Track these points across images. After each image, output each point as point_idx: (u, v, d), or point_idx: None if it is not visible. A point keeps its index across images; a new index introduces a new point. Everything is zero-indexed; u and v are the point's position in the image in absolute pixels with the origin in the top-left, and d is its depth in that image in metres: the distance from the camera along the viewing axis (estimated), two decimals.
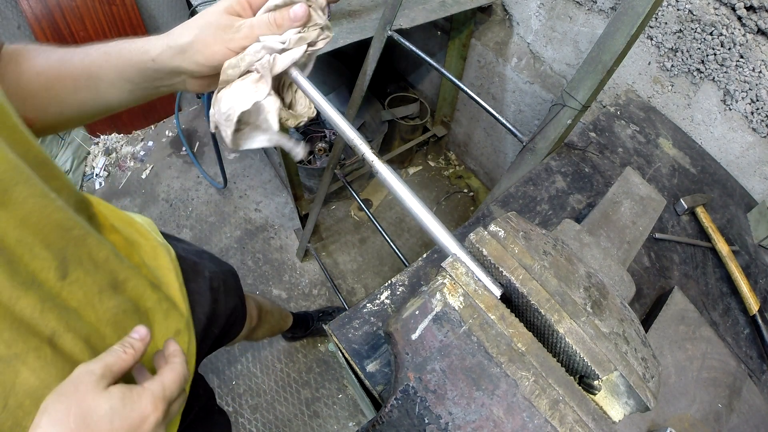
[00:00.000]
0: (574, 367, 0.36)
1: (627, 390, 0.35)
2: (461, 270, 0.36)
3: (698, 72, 0.99)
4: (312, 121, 1.82)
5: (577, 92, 0.69)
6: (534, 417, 0.32)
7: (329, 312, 1.53)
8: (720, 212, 0.91)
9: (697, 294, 0.75)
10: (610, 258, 0.57)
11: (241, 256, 1.71)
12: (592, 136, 0.92)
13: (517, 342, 0.34)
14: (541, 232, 0.43)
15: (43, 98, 0.42)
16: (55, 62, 0.42)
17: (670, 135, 1.01)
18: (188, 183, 1.91)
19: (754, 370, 0.71)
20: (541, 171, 0.81)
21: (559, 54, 1.31)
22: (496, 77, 1.53)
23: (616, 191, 0.70)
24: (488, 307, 0.35)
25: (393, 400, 0.34)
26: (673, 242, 0.79)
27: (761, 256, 0.87)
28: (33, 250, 0.34)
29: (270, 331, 1.19)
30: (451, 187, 1.98)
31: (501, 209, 0.74)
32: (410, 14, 1.16)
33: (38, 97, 0.41)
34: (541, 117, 1.45)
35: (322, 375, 1.47)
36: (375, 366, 0.54)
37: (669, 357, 0.60)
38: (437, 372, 0.34)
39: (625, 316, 0.39)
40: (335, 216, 1.84)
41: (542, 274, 0.37)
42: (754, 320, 0.74)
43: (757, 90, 0.90)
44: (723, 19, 0.90)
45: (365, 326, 0.57)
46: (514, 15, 1.39)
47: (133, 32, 1.72)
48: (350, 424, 1.39)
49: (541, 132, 0.76)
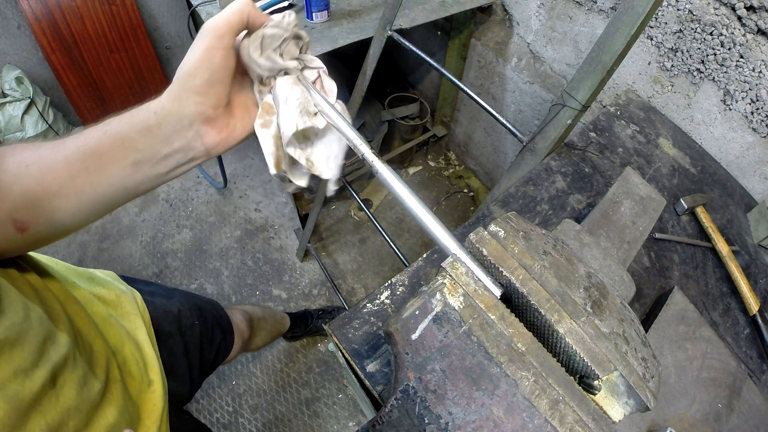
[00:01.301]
0: (574, 367, 0.36)
1: (627, 390, 0.35)
2: (461, 270, 0.36)
3: (698, 72, 0.99)
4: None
5: (577, 92, 0.69)
6: (534, 417, 0.32)
7: (329, 311, 1.53)
8: (720, 212, 0.91)
9: (697, 294, 0.75)
10: (610, 258, 0.57)
11: (241, 256, 1.71)
12: (592, 136, 0.92)
13: (517, 342, 0.34)
14: (541, 232, 0.43)
15: (35, 192, 0.35)
16: (48, 149, 0.36)
17: (670, 135, 1.01)
18: (188, 183, 1.91)
19: (754, 370, 0.71)
20: (541, 171, 0.81)
21: (559, 54, 1.31)
22: (496, 77, 1.53)
23: (616, 191, 0.70)
24: (488, 307, 0.35)
25: (393, 400, 0.34)
26: (673, 242, 0.79)
27: (761, 256, 0.87)
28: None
29: (269, 336, 1.19)
30: (451, 187, 1.98)
31: (501, 209, 0.74)
32: (410, 14, 1.16)
33: (29, 193, 0.35)
34: (541, 117, 1.45)
35: (322, 375, 1.47)
36: (375, 366, 0.54)
37: (669, 357, 0.60)
38: (437, 372, 0.34)
39: (625, 316, 0.39)
40: (335, 216, 1.85)
41: (542, 274, 0.37)
42: (754, 320, 0.74)
43: (757, 90, 0.90)
44: (723, 19, 0.90)
45: (365, 326, 0.57)
46: (514, 15, 1.39)
47: (133, 32, 1.72)
48: (350, 424, 1.39)
49: (541, 132, 0.76)
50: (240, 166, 1.96)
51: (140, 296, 0.65)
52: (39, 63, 1.71)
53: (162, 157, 0.36)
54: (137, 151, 0.36)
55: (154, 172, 0.37)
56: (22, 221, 0.36)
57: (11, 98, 1.59)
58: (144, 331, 0.58)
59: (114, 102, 1.85)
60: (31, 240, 0.38)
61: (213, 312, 0.87)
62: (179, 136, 0.36)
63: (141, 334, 0.58)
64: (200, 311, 0.80)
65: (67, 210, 0.37)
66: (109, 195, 0.37)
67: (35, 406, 0.34)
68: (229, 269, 1.67)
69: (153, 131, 0.35)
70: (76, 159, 0.35)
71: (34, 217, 0.36)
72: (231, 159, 1.97)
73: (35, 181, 0.35)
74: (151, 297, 0.68)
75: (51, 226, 0.38)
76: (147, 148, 0.36)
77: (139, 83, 1.87)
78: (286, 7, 1.10)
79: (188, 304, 0.77)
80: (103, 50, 1.68)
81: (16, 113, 1.60)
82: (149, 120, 0.35)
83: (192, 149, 0.37)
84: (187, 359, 0.71)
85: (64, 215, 0.37)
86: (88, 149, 0.35)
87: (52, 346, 0.38)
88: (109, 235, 1.74)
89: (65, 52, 1.61)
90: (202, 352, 0.77)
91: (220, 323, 0.87)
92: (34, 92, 1.63)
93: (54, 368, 0.37)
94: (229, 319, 0.93)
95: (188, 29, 1.72)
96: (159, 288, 0.75)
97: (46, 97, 1.71)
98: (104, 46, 1.68)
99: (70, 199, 0.36)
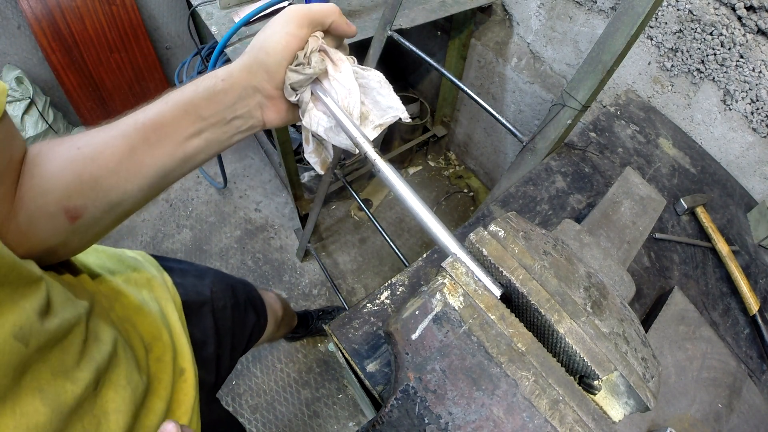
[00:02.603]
0: (574, 367, 0.36)
1: (627, 390, 0.35)
2: (461, 270, 0.36)
3: (698, 72, 0.99)
4: None
5: (577, 92, 0.69)
6: (534, 417, 0.32)
7: (329, 311, 1.53)
8: (720, 212, 0.91)
9: (697, 294, 0.75)
10: (610, 258, 0.57)
11: (241, 256, 1.71)
12: (592, 136, 0.92)
13: (517, 342, 0.34)
14: (541, 232, 0.43)
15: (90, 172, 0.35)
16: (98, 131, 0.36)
17: (670, 135, 1.01)
18: (188, 183, 1.91)
19: (754, 370, 0.71)
20: (541, 171, 0.81)
21: (559, 54, 1.31)
22: (496, 77, 1.53)
23: (616, 191, 0.70)
24: (488, 307, 0.35)
25: (393, 400, 0.34)
26: (673, 242, 0.79)
27: (761, 256, 0.87)
28: None
29: (287, 327, 1.17)
30: (451, 187, 1.98)
31: (501, 209, 0.74)
32: (410, 14, 1.16)
33: (83, 174, 0.35)
34: (541, 117, 1.45)
35: (322, 375, 1.47)
36: (375, 366, 0.54)
37: (669, 357, 0.60)
38: (437, 372, 0.34)
39: (625, 316, 0.39)
40: (335, 216, 1.84)
41: (542, 274, 0.37)
42: (754, 320, 0.74)
43: (757, 90, 0.90)
44: (723, 19, 0.90)
45: (365, 326, 0.57)
46: (514, 15, 1.39)
47: (133, 32, 1.72)
48: (350, 424, 1.39)
49: (541, 132, 0.76)
50: (240, 166, 1.96)
51: (170, 280, 0.61)
52: (39, 63, 1.71)
53: (225, 122, 0.38)
54: (200, 118, 0.37)
55: (215, 137, 0.38)
56: (75, 208, 0.35)
57: (11, 98, 1.59)
58: (176, 316, 0.56)
59: (114, 102, 1.85)
60: (83, 230, 0.37)
61: (246, 292, 0.83)
62: (243, 103, 0.38)
63: (173, 320, 0.55)
64: (233, 291, 0.76)
65: (124, 188, 0.36)
66: (168, 167, 0.38)
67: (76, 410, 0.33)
68: (229, 269, 1.67)
69: (219, 97, 0.37)
70: (135, 133, 0.36)
71: (88, 200, 0.35)
72: (231, 159, 1.97)
73: (90, 160, 0.35)
74: (182, 278, 0.65)
75: (106, 209, 0.37)
76: (211, 114, 0.37)
77: (139, 83, 1.87)
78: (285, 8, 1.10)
79: (221, 285, 0.73)
80: (103, 50, 1.68)
81: (16, 113, 1.60)
82: (216, 86, 0.37)
83: (252, 117, 0.39)
84: (217, 345, 0.67)
85: (122, 194, 0.37)
86: (148, 121, 0.36)
87: (96, 345, 0.38)
88: (110, 235, 1.74)
89: (65, 52, 1.61)
90: (233, 336, 0.73)
91: (254, 304, 0.84)
92: (34, 92, 1.63)
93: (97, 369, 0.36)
94: (263, 299, 0.90)
95: (188, 29, 1.72)
96: (191, 267, 0.72)
97: (46, 97, 1.71)
98: (104, 46, 1.68)
99: (129, 175, 0.36)
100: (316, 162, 0.46)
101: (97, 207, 0.36)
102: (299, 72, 0.38)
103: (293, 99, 0.40)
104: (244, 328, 0.78)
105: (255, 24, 1.06)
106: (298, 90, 0.39)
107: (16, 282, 0.30)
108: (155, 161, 0.37)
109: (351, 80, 0.39)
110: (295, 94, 0.39)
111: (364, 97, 0.41)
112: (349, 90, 0.39)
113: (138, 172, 0.36)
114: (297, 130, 1.77)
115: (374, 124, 0.42)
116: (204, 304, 0.66)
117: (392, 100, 0.41)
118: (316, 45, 0.38)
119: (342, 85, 0.39)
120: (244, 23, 1.01)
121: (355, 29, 0.41)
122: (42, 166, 0.35)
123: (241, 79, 0.37)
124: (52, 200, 0.35)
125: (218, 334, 0.67)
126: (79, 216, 0.36)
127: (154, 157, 0.36)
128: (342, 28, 0.40)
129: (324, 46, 0.39)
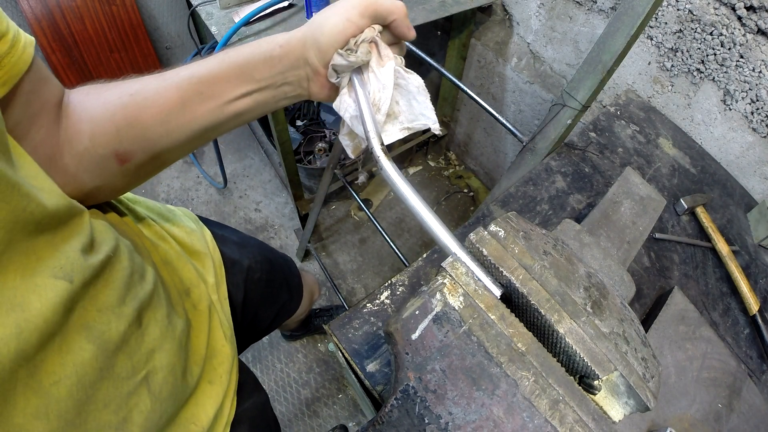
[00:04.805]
0: (574, 367, 0.36)
1: (627, 390, 0.35)
2: (461, 270, 0.36)
3: (698, 72, 0.99)
4: (312, 120, 1.82)
5: (577, 92, 0.69)
6: (534, 417, 0.32)
7: (329, 311, 1.53)
8: (720, 212, 0.91)
9: (697, 294, 0.75)
10: (610, 258, 0.57)
11: None
12: (592, 136, 0.92)
13: (517, 342, 0.34)
14: (541, 232, 0.43)
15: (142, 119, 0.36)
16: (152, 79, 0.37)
17: (670, 135, 1.01)
18: (188, 183, 1.91)
19: (754, 370, 0.71)
20: (541, 171, 0.81)
21: (559, 54, 1.31)
22: (496, 77, 1.53)
23: (616, 191, 0.70)
24: (488, 307, 0.35)
25: (393, 400, 0.34)
26: (673, 242, 0.79)
27: (761, 256, 0.87)
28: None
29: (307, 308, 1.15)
30: (451, 187, 1.98)
31: (501, 209, 0.74)
32: (410, 14, 1.16)
33: (135, 121, 0.36)
34: (541, 117, 1.45)
35: (322, 375, 1.47)
36: (375, 366, 0.54)
37: (669, 357, 0.60)
38: (437, 372, 0.34)
39: (625, 316, 0.39)
40: (335, 216, 1.84)
41: (542, 274, 0.37)
42: (754, 320, 0.74)
43: (757, 90, 0.90)
44: (723, 19, 0.90)
45: (365, 326, 0.57)
46: (514, 15, 1.39)
47: (133, 32, 1.72)
48: (350, 424, 1.39)
49: (541, 132, 0.76)
50: (240, 166, 1.96)
51: (211, 236, 0.61)
52: None
53: (275, 87, 0.40)
54: (253, 80, 0.38)
55: (264, 99, 0.40)
56: (125, 152, 0.37)
57: None
58: (213, 272, 0.56)
59: None
60: (130, 173, 0.39)
61: (284, 269, 0.81)
62: (294, 72, 0.40)
63: (210, 276, 0.55)
64: (271, 266, 0.74)
65: (171, 137, 0.38)
66: (215, 122, 0.39)
67: (122, 346, 0.34)
68: None
69: (274, 62, 0.38)
70: (189, 86, 0.37)
71: (137, 145, 0.37)
72: (231, 159, 1.97)
73: (142, 108, 0.36)
74: (221, 244, 0.63)
75: (152, 155, 0.38)
76: (264, 78, 0.39)
77: None
78: (286, 7, 1.10)
79: (260, 257, 0.71)
80: (103, 50, 1.68)
81: None
82: (273, 52, 0.38)
83: (300, 86, 0.41)
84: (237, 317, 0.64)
85: (168, 143, 0.38)
86: (203, 76, 0.37)
87: (140, 283, 0.38)
88: None
89: (65, 52, 1.61)
90: (257, 312, 0.71)
91: (289, 282, 0.82)
92: None
93: (140, 306, 0.37)
94: (301, 279, 0.87)
95: (188, 29, 1.72)
96: (234, 234, 0.71)
97: None
98: (104, 46, 1.68)
99: (178, 125, 0.38)
100: (349, 145, 0.47)
101: (145, 152, 0.38)
102: (344, 57, 0.38)
103: (333, 80, 0.41)
104: (271, 306, 0.76)
105: (255, 24, 1.06)
106: (340, 73, 0.40)
107: (55, 227, 0.30)
108: (204, 116, 0.38)
109: (389, 77, 0.40)
110: (336, 75, 0.40)
111: (400, 97, 0.42)
112: (384, 85, 0.40)
113: (186, 124, 0.38)
114: (297, 130, 1.77)
115: (402, 126, 0.42)
116: (238, 274, 0.65)
117: (426, 109, 0.41)
118: (369, 36, 0.39)
119: (378, 79, 0.40)
120: (244, 23, 1.01)
121: (414, 34, 0.42)
122: (90, 111, 0.36)
123: (296, 48, 0.39)
124: (102, 143, 0.36)
125: (245, 307, 0.66)
126: (128, 160, 0.37)
127: (204, 111, 0.38)
128: (401, 29, 0.40)
129: (377, 39, 0.40)
